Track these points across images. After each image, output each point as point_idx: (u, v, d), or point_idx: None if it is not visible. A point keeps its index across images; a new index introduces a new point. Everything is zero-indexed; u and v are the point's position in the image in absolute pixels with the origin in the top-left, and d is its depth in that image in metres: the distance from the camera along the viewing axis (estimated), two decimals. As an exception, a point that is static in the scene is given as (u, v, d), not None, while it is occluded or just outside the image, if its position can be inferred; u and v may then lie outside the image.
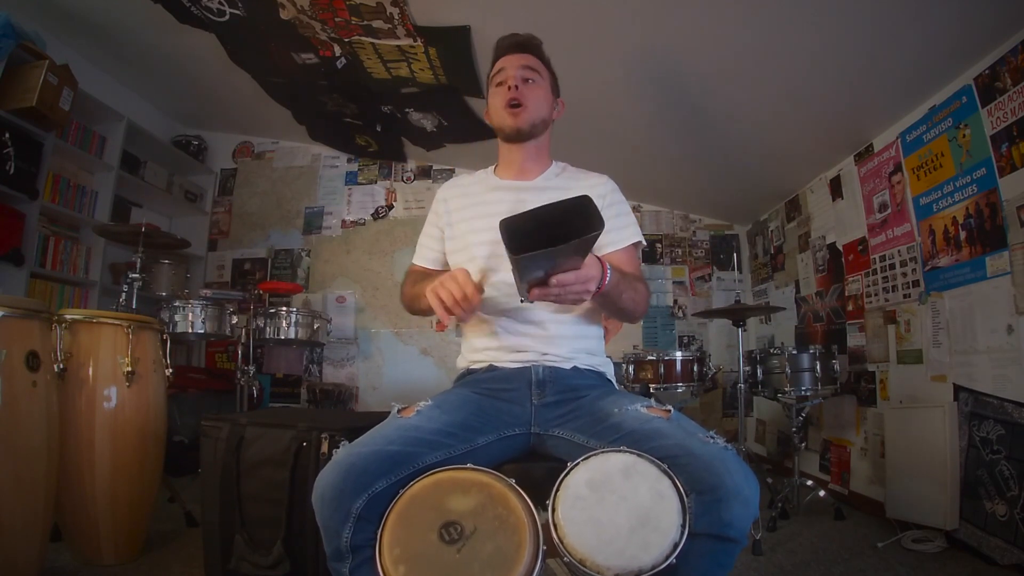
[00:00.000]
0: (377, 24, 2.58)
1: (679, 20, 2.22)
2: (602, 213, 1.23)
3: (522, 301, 0.97)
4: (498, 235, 0.86)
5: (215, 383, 3.64)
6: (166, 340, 2.17)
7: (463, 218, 1.29)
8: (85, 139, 3.24)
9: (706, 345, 4.00)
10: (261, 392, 3.44)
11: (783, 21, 2.09)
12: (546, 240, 0.81)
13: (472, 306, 1.03)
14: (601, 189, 1.27)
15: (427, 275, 1.29)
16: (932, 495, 2.15)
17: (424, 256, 1.36)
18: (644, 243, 1.30)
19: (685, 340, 4.03)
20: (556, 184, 1.29)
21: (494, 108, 1.28)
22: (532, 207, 0.88)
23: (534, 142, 1.29)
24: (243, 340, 3.15)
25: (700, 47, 2.36)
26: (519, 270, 0.89)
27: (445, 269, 1.31)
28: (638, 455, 0.87)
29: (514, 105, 1.23)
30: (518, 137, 1.27)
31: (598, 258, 1.00)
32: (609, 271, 1.01)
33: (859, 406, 2.81)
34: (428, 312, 1.20)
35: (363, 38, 2.72)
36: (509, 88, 1.24)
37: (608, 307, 1.15)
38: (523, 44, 1.29)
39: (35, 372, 1.54)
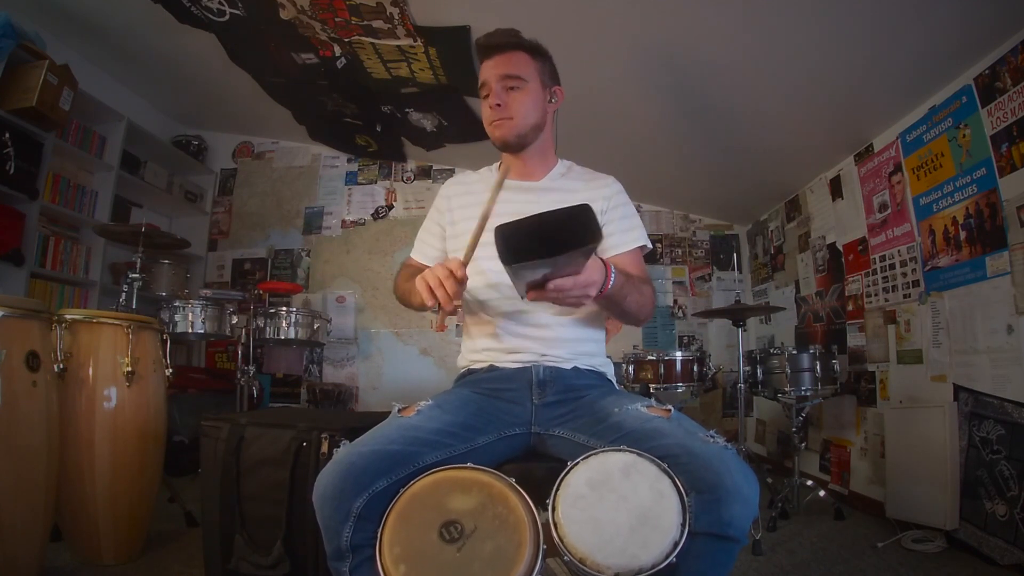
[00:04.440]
0: (377, 24, 2.59)
1: (679, 20, 2.22)
2: (608, 215, 1.24)
3: (522, 298, 0.96)
4: None
5: (215, 383, 3.64)
6: (166, 340, 2.17)
7: (466, 217, 1.28)
8: (85, 139, 3.24)
9: (706, 345, 4.00)
10: (261, 392, 3.44)
11: (783, 21, 2.10)
12: (541, 249, 0.80)
13: (453, 290, 1.00)
14: (607, 191, 1.26)
15: (422, 270, 1.27)
16: (932, 495, 2.15)
17: (423, 252, 1.34)
18: (650, 246, 1.29)
19: (685, 340, 4.03)
20: (562, 185, 1.28)
21: (483, 119, 1.26)
22: (532, 212, 0.88)
23: (532, 146, 1.26)
24: (243, 340, 3.15)
25: (701, 47, 2.36)
26: (515, 276, 0.88)
27: None
28: (638, 454, 0.87)
29: (497, 119, 1.20)
30: (506, 149, 1.26)
31: (603, 261, 0.99)
32: (613, 274, 1.00)
33: (859, 406, 2.81)
34: (419, 307, 1.19)
35: (363, 38, 2.72)
36: (492, 107, 1.21)
37: (612, 310, 1.14)
38: (501, 45, 1.22)
39: (35, 372, 1.54)
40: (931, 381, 2.33)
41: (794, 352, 2.60)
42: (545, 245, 0.80)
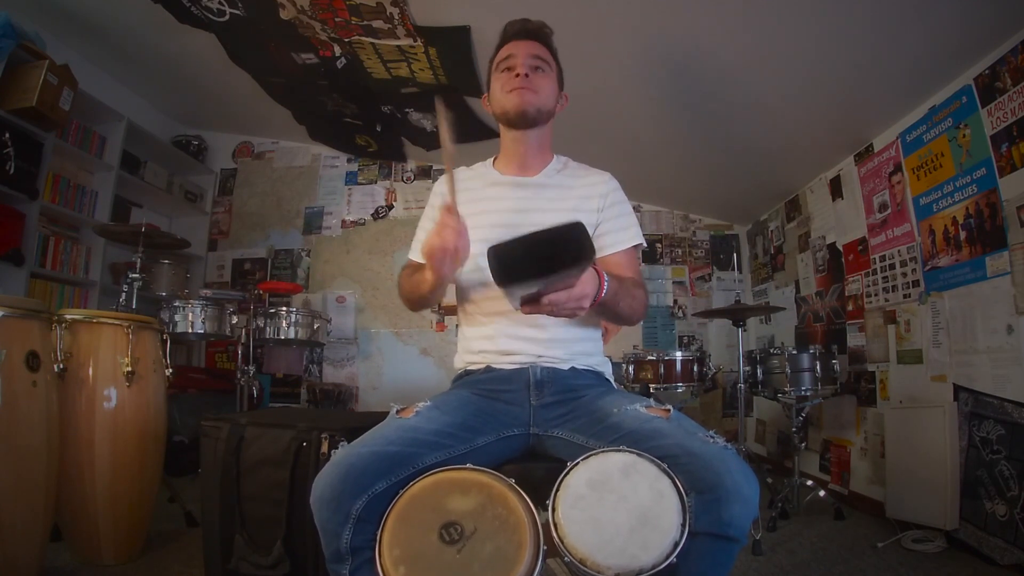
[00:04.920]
0: (377, 24, 2.59)
1: (679, 20, 2.22)
2: (604, 213, 1.24)
3: (516, 309, 0.96)
4: (497, 233, 0.85)
5: (215, 383, 3.64)
6: (166, 340, 2.17)
7: (462, 214, 1.27)
8: (85, 139, 3.24)
9: (706, 345, 4.00)
10: (261, 392, 3.44)
11: (783, 21, 2.09)
12: (535, 268, 0.80)
13: (452, 224, 0.99)
14: (604, 188, 1.26)
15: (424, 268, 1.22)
16: (932, 495, 2.15)
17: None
18: (644, 244, 1.29)
19: (685, 340, 4.03)
20: (557, 181, 1.28)
21: (497, 93, 1.24)
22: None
23: (536, 132, 1.25)
24: (243, 340, 3.15)
25: (701, 48, 2.36)
26: (509, 293, 0.88)
27: None
28: (638, 454, 0.87)
29: (520, 88, 1.19)
30: (522, 121, 1.22)
31: (596, 269, 0.98)
32: (607, 282, 0.99)
33: (859, 406, 2.81)
34: (428, 299, 1.18)
35: (363, 38, 2.72)
36: (518, 75, 1.20)
37: (605, 314, 1.14)
38: (534, 32, 1.25)
39: (35, 372, 1.54)
40: (931, 381, 2.33)
41: (794, 352, 2.60)
42: (538, 264, 0.80)
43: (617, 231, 1.24)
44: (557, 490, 0.85)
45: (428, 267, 1.05)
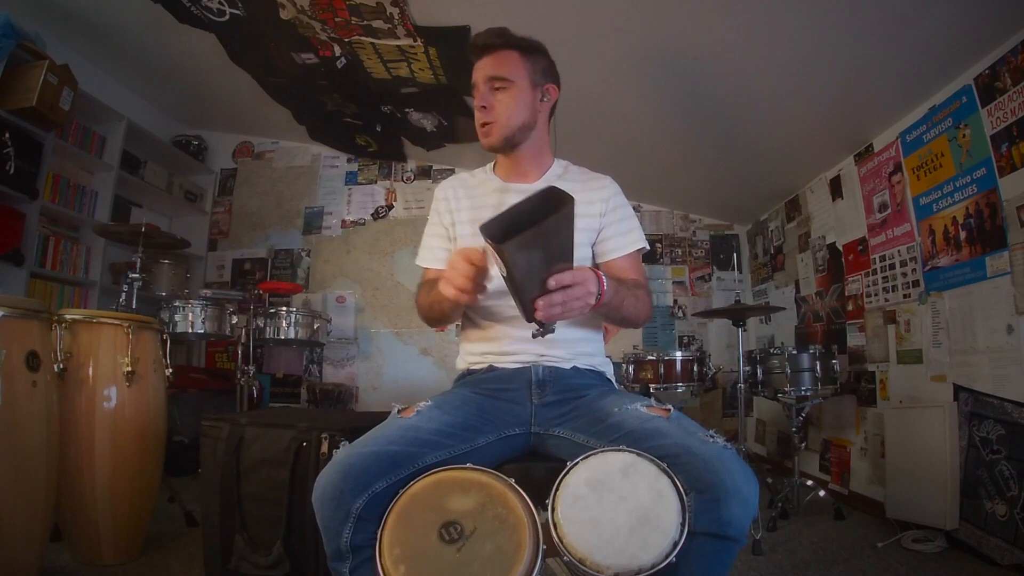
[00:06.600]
0: (377, 24, 2.59)
1: (679, 20, 2.22)
2: (606, 217, 1.25)
3: (534, 335, 0.95)
4: None
5: (215, 383, 3.65)
6: (166, 340, 2.17)
7: (465, 220, 1.27)
8: (85, 139, 3.24)
9: (706, 345, 4.00)
10: (261, 392, 3.44)
11: (782, 21, 2.10)
12: (524, 219, 0.84)
13: (481, 271, 0.97)
14: (605, 192, 1.26)
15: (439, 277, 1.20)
16: (932, 495, 2.15)
17: (435, 257, 1.31)
18: (647, 247, 1.29)
19: (685, 340, 4.03)
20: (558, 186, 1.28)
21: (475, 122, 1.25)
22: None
23: (524, 145, 1.25)
24: (243, 340, 3.15)
25: (701, 47, 2.36)
26: (511, 272, 0.88)
27: None
28: (637, 454, 0.87)
29: (484, 124, 1.20)
30: (495, 151, 1.25)
31: (592, 270, 0.99)
32: (604, 279, 0.99)
33: (859, 406, 2.81)
34: (448, 315, 1.19)
35: (363, 38, 2.72)
36: (478, 108, 1.20)
37: (612, 317, 1.14)
38: (487, 47, 1.22)
39: (35, 372, 1.54)
40: (931, 381, 2.33)
41: (794, 352, 2.60)
42: (526, 217, 0.85)
43: (620, 235, 1.24)
44: (556, 490, 0.85)
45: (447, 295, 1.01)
